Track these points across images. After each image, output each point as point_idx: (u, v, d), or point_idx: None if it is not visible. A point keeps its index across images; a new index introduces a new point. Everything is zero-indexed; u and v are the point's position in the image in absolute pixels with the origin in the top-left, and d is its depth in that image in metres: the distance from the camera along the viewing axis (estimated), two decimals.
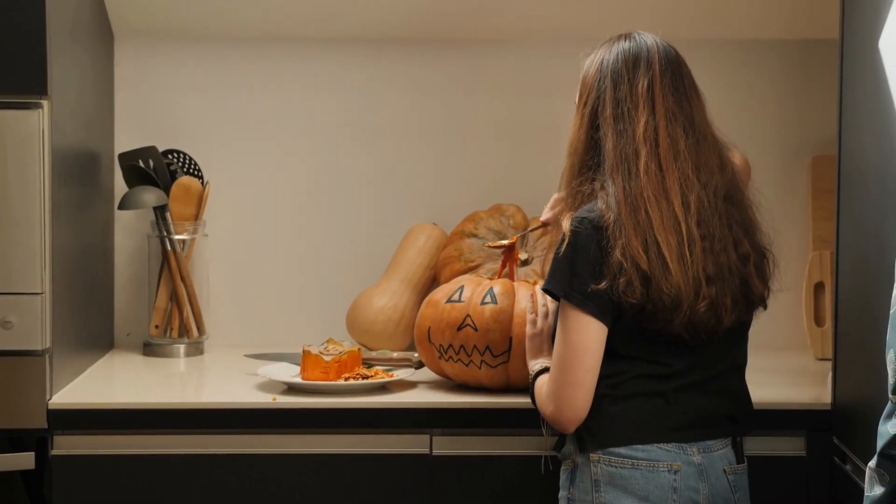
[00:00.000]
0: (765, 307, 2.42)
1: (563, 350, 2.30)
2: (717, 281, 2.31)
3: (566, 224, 2.31)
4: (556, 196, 2.78)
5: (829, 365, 2.74)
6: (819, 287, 3.26)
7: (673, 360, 2.33)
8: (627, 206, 2.27)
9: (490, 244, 2.97)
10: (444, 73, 3.38)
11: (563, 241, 2.30)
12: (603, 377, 2.31)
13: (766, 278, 2.40)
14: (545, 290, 2.34)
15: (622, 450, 2.31)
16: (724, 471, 2.36)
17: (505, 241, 2.94)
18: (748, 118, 3.31)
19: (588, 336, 2.28)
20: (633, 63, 2.36)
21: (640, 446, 2.31)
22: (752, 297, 2.38)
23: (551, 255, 2.34)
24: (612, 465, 2.31)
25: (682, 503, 2.30)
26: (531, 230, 2.87)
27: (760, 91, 3.37)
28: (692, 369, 2.34)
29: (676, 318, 2.27)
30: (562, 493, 2.38)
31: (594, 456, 2.32)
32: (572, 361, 2.29)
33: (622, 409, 2.32)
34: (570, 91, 3.01)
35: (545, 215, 2.75)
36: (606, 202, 2.29)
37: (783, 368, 3.10)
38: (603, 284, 2.26)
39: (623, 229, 2.26)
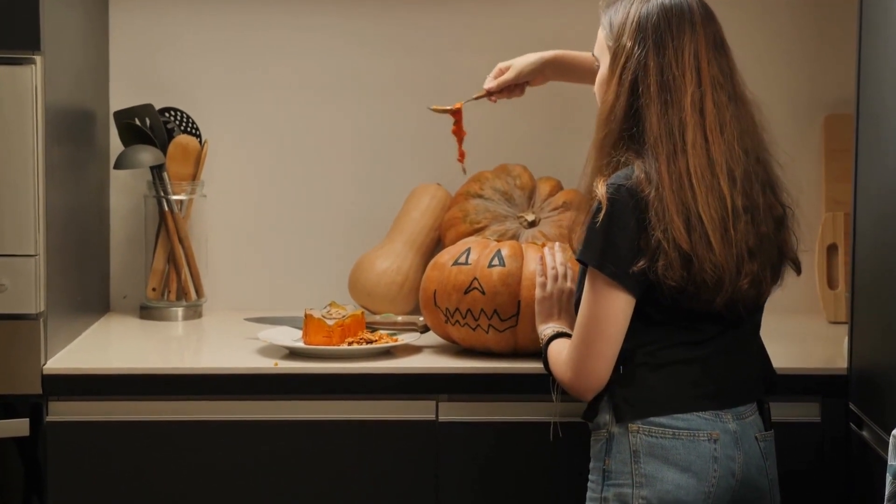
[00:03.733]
0: (798, 271, 2.38)
1: (589, 320, 2.25)
2: (759, 254, 2.26)
3: (601, 190, 2.23)
4: (500, 65, 2.83)
5: (842, 328, 2.71)
6: (832, 249, 3.22)
7: (707, 326, 2.29)
8: (673, 184, 2.20)
9: (434, 107, 2.93)
10: (449, 31, 3.33)
11: (598, 209, 2.23)
12: (640, 346, 2.27)
13: (793, 239, 2.35)
14: (579, 260, 2.29)
15: (663, 419, 2.26)
16: (756, 438, 2.33)
17: (449, 107, 2.92)
18: (759, 76, 3.21)
19: (616, 308, 2.23)
20: (676, 24, 2.26)
21: (679, 415, 2.26)
22: (785, 262, 2.33)
23: (582, 219, 2.28)
24: (652, 436, 2.26)
25: (721, 473, 2.27)
26: (475, 98, 2.86)
27: (772, 48, 3.31)
28: (724, 332, 2.30)
29: (718, 297, 2.23)
30: (594, 465, 2.33)
31: (633, 426, 2.27)
32: (597, 332, 2.24)
33: (661, 378, 2.28)
34: (573, 47, 2.94)
35: (489, 83, 2.81)
36: (645, 172, 2.21)
37: (795, 332, 3.07)
38: (641, 264, 2.20)
39: (667, 210, 2.19)
